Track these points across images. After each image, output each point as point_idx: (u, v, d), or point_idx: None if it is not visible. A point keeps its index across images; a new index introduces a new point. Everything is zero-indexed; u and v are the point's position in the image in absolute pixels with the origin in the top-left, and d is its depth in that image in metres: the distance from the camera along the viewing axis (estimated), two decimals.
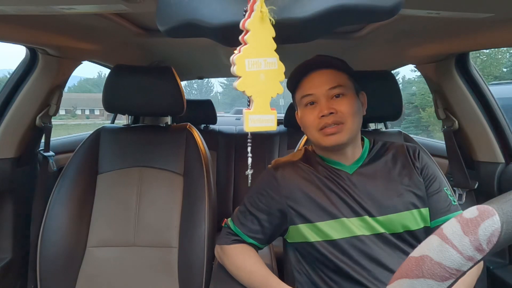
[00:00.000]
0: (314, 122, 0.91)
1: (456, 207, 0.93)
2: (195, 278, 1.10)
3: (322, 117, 0.89)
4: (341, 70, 0.94)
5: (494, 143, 1.32)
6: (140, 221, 1.21)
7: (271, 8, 0.51)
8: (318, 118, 0.90)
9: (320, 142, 0.92)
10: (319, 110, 0.90)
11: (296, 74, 0.95)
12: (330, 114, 0.88)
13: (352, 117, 0.89)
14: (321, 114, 0.89)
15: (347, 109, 0.89)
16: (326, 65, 0.93)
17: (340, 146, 0.92)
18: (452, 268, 0.34)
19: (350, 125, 0.90)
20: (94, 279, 1.14)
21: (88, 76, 44.98)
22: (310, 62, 0.94)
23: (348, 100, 0.90)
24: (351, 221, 0.88)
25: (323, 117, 0.89)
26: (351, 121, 0.90)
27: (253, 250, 0.98)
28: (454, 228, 0.34)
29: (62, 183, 1.19)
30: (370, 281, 0.84)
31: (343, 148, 0.93)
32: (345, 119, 0.89)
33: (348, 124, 0.89)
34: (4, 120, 1.21)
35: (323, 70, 0.92)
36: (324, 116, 0.89)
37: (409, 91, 17.30)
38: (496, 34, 0.98)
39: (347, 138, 0.90)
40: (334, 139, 0.90)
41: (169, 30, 0.58)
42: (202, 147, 1.28)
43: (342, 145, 0.92)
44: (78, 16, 0.93)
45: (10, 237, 1.25)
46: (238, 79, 0.53)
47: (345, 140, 0.90)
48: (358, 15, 0.53)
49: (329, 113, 0.88)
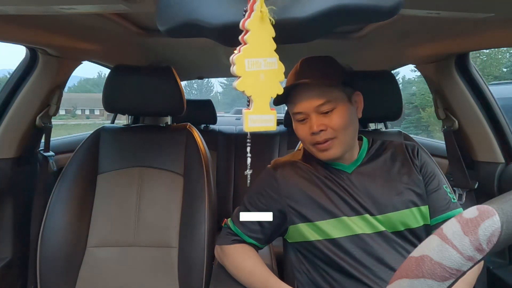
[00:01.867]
0: (307, 138, 0.91)
1: (456, 204, 0.93)
2: (195, 278, 1.10)
3: (313, 134, 0.88)
4: (329, 81, 0.88)
5: (494, 143, 1.32)
6: (140, 221, 1.21)
7: (271, 8, 0.51)
8: (309, 134, 0.89)
9: (316, 155, 0.93)
10: (309, 127, 0.89)
11: (286, 88, 0.88)
12: (320, 131, 0.87)
13: (344, 130, 0.88)
14: (311, 132, 0.88)
15: (338, 123, 0.87)
16: (313, 76, 0.87)
17: (335, 159, 0.92)
18: (452, 268, 0.34)
19: (342, 138, 0.89)
20: (94, 279, 1.14)
21: (88, 76, 45.00)
22: (295, 74, 0.90)
23: (339, 113, 0.87)
24: (351, 219, 0.88)
25: (314, 135, 0.88)
26: (344, 134, 0.89)
27: (253, 250, 0.98)
28: (454, 228, 0.34)
29: (62, 183, 1.19)
30: (371, 279, 0.84)
31: (337, 159, 0.93)
32: (337, 134, 0.88)
33: (340, 138, 0.88)
34: (4, 120, 1.21)
35: (310, 87, 0.87)
36: (315, 134, 0.88)
37: (409, 91, 17.32)
38: (496, 34, 0.98)
39: (341, 151, 0.90)
40: (327, 154, 0.90)
41: (169, 30, 0.58)
42: (202, 147, 1.28)
43: (337, 158, 0.92)
44: (78, 16, 0.93)
45: (10, 237, 1.25)
46: (238, 79, 0.53)
47: (338, 154, 0.90)
48: (358, 15, 0.53)
49: (319, 130, 0.87)
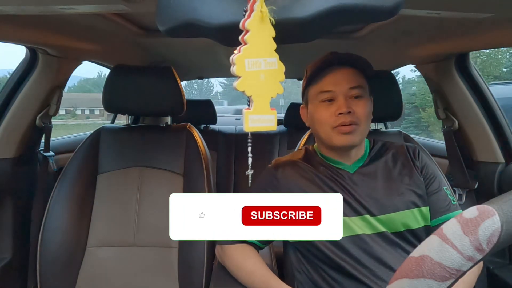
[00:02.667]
0: (330, 119, 0.89)
1: (456, 206, 0.93)
2: (195, 278, 1.10)
3: (340, 115, 0.88)
4: (363, 71, 0.92)
5: (494, 143, 1.32)
6: (140, 221, 1.20)
7: (271, 8, 0.51)
8: (334, 115, 0.88)
9: (332, 140, 0.91)
10: (337, 108, 0.88)
11: (316, 68, 0.91)
12: (348, 113, 0.87)
13: (366, 119, 0.90)
14: (339, 112, 0.87)
15: (363, 111, 0.89)
16: (349, 62, 0.91)
17: (351, 147, 0.92)
18: (452, 268, 0.34)
19: (363, 127, 0.90)
20: (94, 279, 1.14)
21: (88, 76, 44.90)
22: (332, 57, 0.91)
23: (365, 102, 0.90)
24: (352, 220, 0.88)
25: (341, 115, 0.88)
26: (365, 124, 0.90)
27: (254, 250, 0.98)
28: (454, 228, 0.34)
29: (62, 183, 1.19)
30: (371, 279, 0.84)
31: (351, 149, 0.93)
32: (360, 121, 0.89)
33: (362, 126, 0.89)
34: (4, 120, 1.21)
35: (345, 69, 0.90)
36: (341, 114, 0.87)
37: (409, 91, 17.30)
38: (496, 34, 0.98)
39: (359, 140, 0.91)
40: (347, 139, 0.89)
41: (169, 30, 0.58)
42: (202, 147, 1.28)
43: (353, 146, 0.92)
44: (78, 16, 0.93)
45: (10, 237, 1.25)
46: (238, 79, 0.53)
47: (357, 142, 0.90)
48: (358, 15, 0.53)
49: (348, 111, 0.87)
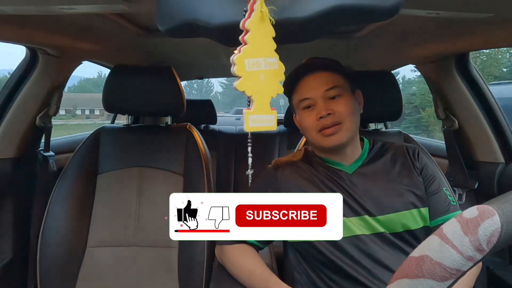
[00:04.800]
0: (313, 124, 0.91)
1: (455, 207, 0.93)
2: (195, 278, 1.10)
3: (321, 119, 0.90)
4: (335, 71, 0.94)
5: (494, 143, 1.32)
6: (140, 221, 1.20)
7: (271, 8, 0.51)
8: (316, 120, 0.90)
9: (320, 143, 0.92)
10: (317, 112, 0.90)
11: (291, 79, 0.95)
12: (328, 115, 0.89)
13: (349, 116, 0.90)
14: (319, 116, 0.90)
15: (344, 109, 0.89)
16: (320, 67, 0.93)
17: (340, 146, 0.92)
18: (452, 268, 0.34)
19: (348, 124, 0.90)
20: (94, 279, 1.14)
21: (88, 76, 44.94)
22: (304, 66, 0.95)
23: (345, 100, 0.91)
24: (351, 220, 0.88)
25: (322, 119, 0.89)
26: (349, 121, 0.90)
27: (254, 250, 0.98)
28: (454, 228, 0.34)
29: (62, 183, 1.19)
30: (370, 280, 0.84)
31: (343, 148, 0.94)
32: (343, 119, 0.89)
33: (346, 124, 0.90)
34: (4, 120, 1.21)
35: (318, 73, 0.93)
36: (322, 118, 0.89)
37: (409, 91, 17.32)
38: (496, 34, 0.98)
39: (346, 138, 0.91)
40: (334, 139, 0.90)
41: (169, 30, 0.58)
42: (202, 147, 1.28)
43: (342, 145, 0.92)
44: (78, 16, 0.93)
45: (10, 237, 1.25)
46: (238, 79, 0.53)
47: (344, 140, 0.91)
48: (358, 15, 0.54)
49: (327, 114, 0.89)
